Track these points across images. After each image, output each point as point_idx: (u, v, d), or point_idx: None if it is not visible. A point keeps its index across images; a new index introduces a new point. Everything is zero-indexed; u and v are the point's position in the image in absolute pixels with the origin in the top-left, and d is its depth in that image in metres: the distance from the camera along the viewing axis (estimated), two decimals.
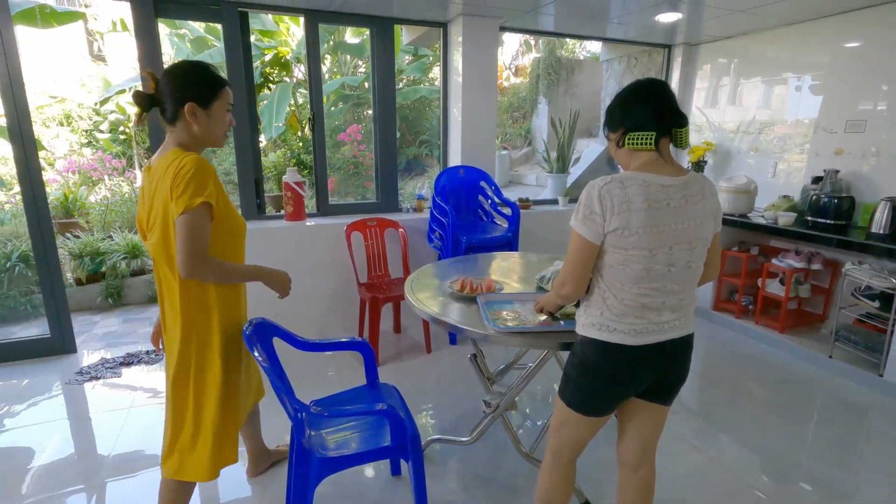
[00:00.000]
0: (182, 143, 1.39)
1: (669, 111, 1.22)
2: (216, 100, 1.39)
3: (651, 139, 1.21)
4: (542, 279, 2.02)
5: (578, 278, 1.26)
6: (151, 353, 3.10)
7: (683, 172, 1.24)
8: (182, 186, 1.26)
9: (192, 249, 1.27)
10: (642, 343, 1.24)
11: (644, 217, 1.16)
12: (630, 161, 1.27)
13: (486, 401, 1.88)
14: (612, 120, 1.30)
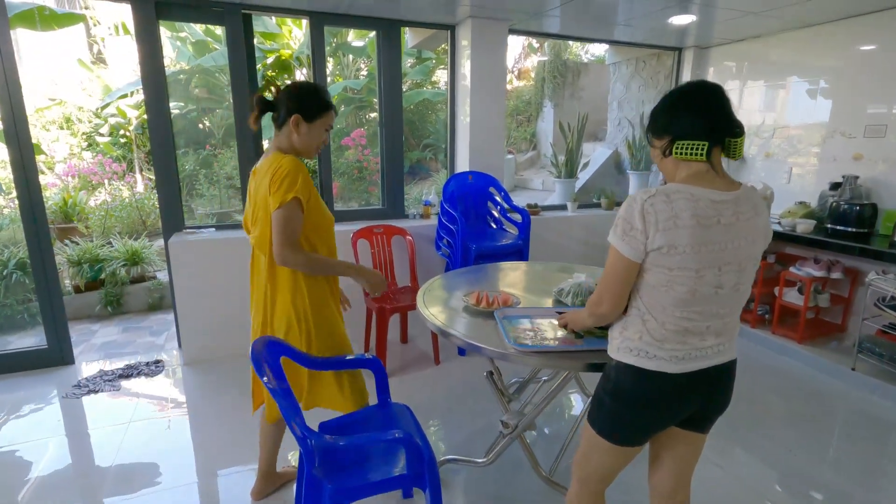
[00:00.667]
0: (282, 147, 1.58)
1: (724, 119, 1.12)
2: (319, 118, 1.58)
3: (703, 149, 1.10)
4: (561, 292, 1.93)
5: (617, 298, 1.17)
6: (151, 364, 3.00)
7: (735, 186, 1.14)
8: (277, 183, 1.46)
9: (285, 239, 1.47)
10: (684, 370, 1.15)
11: (691, 235, 1.06)
12: (676, 172, 1.17)
13: (503, 421, 1.79)
14: (657, 125, 1.20)
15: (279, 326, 1.63)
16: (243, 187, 3.20)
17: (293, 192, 1.46)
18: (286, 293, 1.60)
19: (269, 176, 1.48)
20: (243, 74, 3.04)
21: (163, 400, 2.64)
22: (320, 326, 1.64)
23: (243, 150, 3.14)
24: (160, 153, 2.94)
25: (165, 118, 2.92)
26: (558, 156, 4.55)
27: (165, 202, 3.02)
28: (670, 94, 1.18)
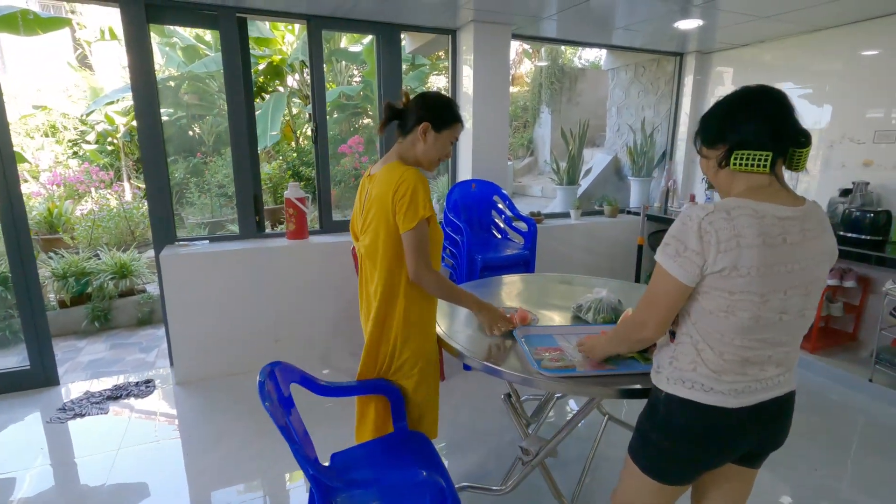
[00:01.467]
0: (403, 156, 1.54)
1: (790, 127, 1.01)
2: (447, 129, 1.54)
3: (767, 160, 1.00)
4: (580, 308, 1.83)
5: (664, 323, 1.07)
6: (141, 384, 2.85)
7: (801, 201, 1.04)
8: (407, 202, 1.41)
9: (421, 258, 1.45)
10: (743, 404, 1.05)
11: (758, 255, 0.96)
12: (732, 185, 1.07)
13: (523, 447, 1.68)
14: (709, 133, 1.09)
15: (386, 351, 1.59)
16: (238, 199, 3.07)
17: (424, 210, 1.43)
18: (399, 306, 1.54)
19: (391, 187, 1.43)
20: (238, 80, 2.92)
21: (155, 423, 2.49)
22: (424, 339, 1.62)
23: (237, 157, 3.01)
24: (151, 162, 2.81)
25: (156, 126, 2.79)
26: (559, 162, 4.47)
27: (156, 214, 2.88)
28: (728, 99, 1.07)
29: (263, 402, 1.14)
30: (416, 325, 1.56)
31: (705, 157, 1.12)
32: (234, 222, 4.64)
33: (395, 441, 1.58)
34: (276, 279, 3.02)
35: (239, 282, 2.93)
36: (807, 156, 1.03)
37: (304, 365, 3.06)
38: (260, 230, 3.18)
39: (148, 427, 2.46)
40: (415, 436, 1.60)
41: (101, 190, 6.44)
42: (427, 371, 1.63)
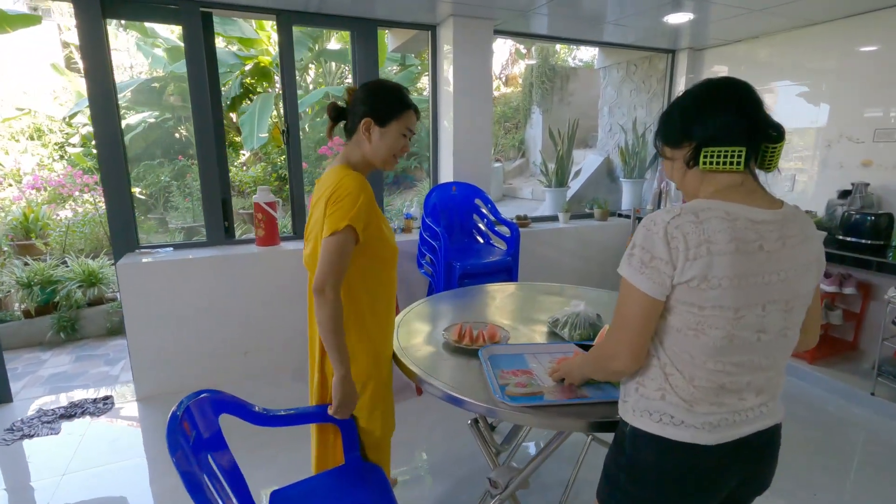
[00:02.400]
0: (350, 160, 1.38)
1: (762, 119, 0.88)
2: (393, 121, 1.35)
3: (741, 157, 0.86)
4: (556, 323, 1.67)
5: (637, 349, 0.91)
6: (99, 401, 2.68)
7: (778, 204, 0.91)
8: (334, 207, 1.26)
9: (329, 270, 1.24)
10: (721, 440, 0.90)
11: (730, 264, 0.83)
12: (701, 187, 0.93)
13: (491, 479, 1.52)
14: (673, 130, 0.95)
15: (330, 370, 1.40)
16: (204, 203, 2.91)
17: (348, 218, 1.24)
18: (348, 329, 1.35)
19: (327, 193, 1.28)
20: (202, 78, 2.76)
21: (109, 444, 2.33)
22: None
23: (204, 160, 2.85)
24: (107, 164, 2.65)
25: (113, 125, 2.63)
26: (548, 164, 4.32)
27: (115, 219, 2.72)
28: (692, 93, 0.94)
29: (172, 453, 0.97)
30: (361, 343, 1.40)
31: (669, 159, 0.98)
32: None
33: (345, 474, 1.42)
34: (246, 288, 2.86)
35: (205, 291, 2.77)
36: (780, 153, 0.91)
37: (276, 379, 2.93)
38: (229, 236, 3.02)
39: (99, 448, 2.29)
40: (368, 468, 1.44)
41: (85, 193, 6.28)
42: (380, 394, 1.47)
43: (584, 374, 1.19)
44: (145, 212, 6.61)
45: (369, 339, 1.41)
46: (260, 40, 6.84)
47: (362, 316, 1.40)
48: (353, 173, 1.32)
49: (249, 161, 7.58)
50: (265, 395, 2.77)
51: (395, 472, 2.10)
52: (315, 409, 1.42)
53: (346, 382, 1.31)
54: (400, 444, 2.27)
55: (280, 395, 2.76)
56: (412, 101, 1.39)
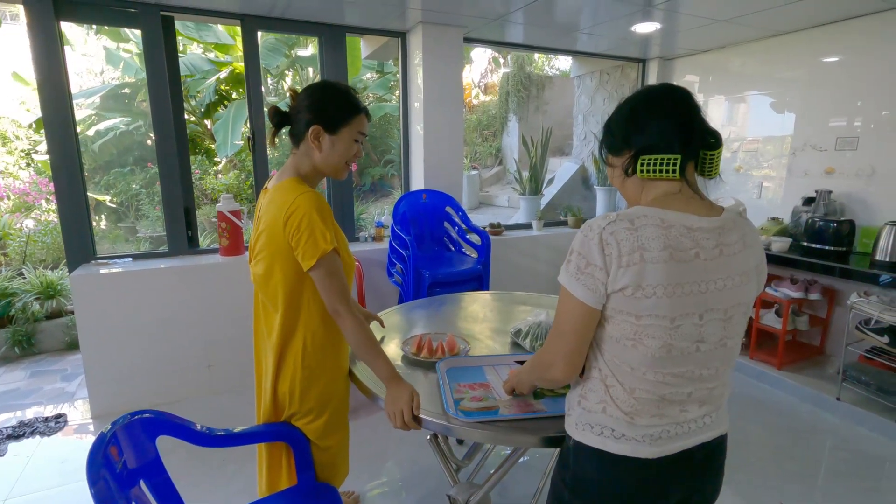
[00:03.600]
0: (301, 170, 1.30)
1: (698, 126, 0.87)
2: (344, 127, 1.27)
3: (675, 164, 0.85)
4: (518, 333, 1.64)
5: (573, 357, 0.89)
6: (51, 420, 2.56)
7: (717, 211, 0.89)
8: (305, 237, 1.19)
9: (336, 296, 1.23)
10: (662, 454, 0.87)
11: (664, 272, 0.81)
12: (641, 195, 0.92)
13: (450, 496, 1.47)
14: (614, 138, 0.94)
15: (284, 390, 1.34)
16: (167, 208, 2.82)
17: (325, 243, 1.19)
18: (297, 345, 1.30)
19: (282, 216, 1.20)
20: (163, 83, 2.68)
21: (58, 465, 2.21)
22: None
23: (165, 167, 2.76)
24: (60, 170, 2.54)
25: (67, 131, 2.53)
26: (522, 171, 4.32)
27: (70, 229, 2.61)
28: (630, 100, 0.93)
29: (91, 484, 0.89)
30: (319, 364, 1.35)
31: (611, 166, 0.97)
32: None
33: (297, 497, 1.36)
34: (209, 299, 2.77)
35: (166, 303, 2.68)
36: (718, 159, 0.90)
37: (243, 394, 2.83)
38: (193, 246, 2.93)
39: (47, 471, 2.17)
40: (321, 490, 1.38)
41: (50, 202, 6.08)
42: (338, 412, 1.42)
43: (531, 384, 1.17)
44: (116, 221, 6.43)
45: (325, 360, 1.36)
46: (235, 46, 6.76)
47: (325, 336, 1.34)
48: (307, 192, 1.22)
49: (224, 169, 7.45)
50: (231, 410, 2.68)
51: (361, 487, 2.04)
52: (264, 427, 1.35)
53: (396, 385, 1.22)
54: (367, 459, 2.22)
55: (248, 410, 2.67)
56: (362, 103, 1.31)
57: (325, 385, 1.36)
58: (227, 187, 6.30)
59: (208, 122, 7.28)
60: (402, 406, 1.17)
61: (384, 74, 7.84)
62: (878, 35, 2.77)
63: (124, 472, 1.02)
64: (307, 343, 1.32)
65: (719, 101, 3.72)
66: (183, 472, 2.11)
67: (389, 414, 1.19)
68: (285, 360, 1.33)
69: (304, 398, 1.35)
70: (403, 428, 1.17)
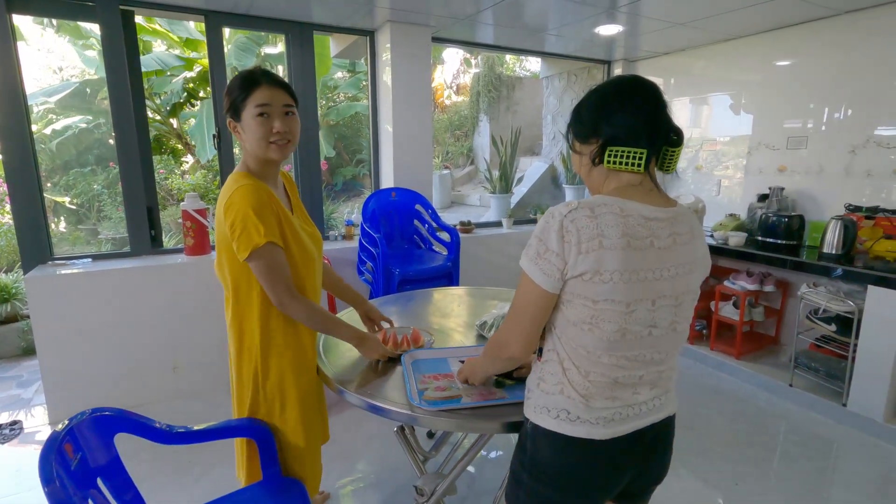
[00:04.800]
0: (246, 162, 1.31)
1: (664, 123, 0.91)
2: (244, 108, 1.24)
3: (642, 158, 0.88)
4: (484, 325, 1.67)
5: (528, 337, 0.93)
6: (6, 427, 2.46)
7: (672, 203, 0.94)
8: (238, 231, 1.20)
9: (277, 286, 1.24)
10: (615, 435, 0.91)
11: (621, 258, 0.85)
12: (604, 184, 0.95)
13: (417, 487, 1.49)
14: (583, 126, 0.96)
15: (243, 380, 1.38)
16: (129, 207, 2.75)
17: (260, 235, 1.20)
18: (253, 336, 1.33)
19: (222, 208, 1.25)
20: (123, 80, 2.62)
21: (13, 473, 2.14)
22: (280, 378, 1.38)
23: (125, 165, 2.70)
24: (13, 168, 2.46)
25: (21, 127, 2.44)
26: (493, 171, 4.37)
27: (24, 229, 2.52)
28: (601, 90, 0.95)
29: (44, 484, 0.88)
30: (281, 356, 1.35)
31: (578, 153, 0.99)
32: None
33: (262, 492, 1.35)
34: (173, 300, 2.71)
35: (128, 304, 2.61)
36: (678, 156, 0.94)
37: (211, 396, 2.78)
38: (156, 245, 2.87)
39: (3, 479, 2.09)
40: (288, 484, 1.38)
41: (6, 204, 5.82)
42: (304, 405, 1.42)
43: (485, 371, 1.19)
44: (76, 222, 6.21)
45: (287, 351, 1.36)
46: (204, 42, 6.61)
47: (278, 325, 1.34)
48: (244, 186, 1.22)
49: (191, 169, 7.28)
50: (198, 413, 2.63)
51: (331, 485, 2.03)
52: (225, 423, 1.34)
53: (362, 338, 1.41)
54: (337, 455, 2.21)
55: (214, 412, 2.63)
56: (257, 76, 1.24)
57: (284, 375, 1.37)
58: (194, 187, 6.15)
59: (174, 121, 7.10)
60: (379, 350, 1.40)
61: (356, 73, 7.80)
62: (824, 39, 2.92)
63: (80, 470, 1.00)
64: (259, 331, 1.33)
65: (683, 102, 3.85)
66: (147, 474, 2.07)
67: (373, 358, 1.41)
68: (241, 349, 1.36)
69: (265, 387, 1.36)
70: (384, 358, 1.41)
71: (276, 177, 1.39)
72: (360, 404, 1.27)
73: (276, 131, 1.24)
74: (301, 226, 1.42)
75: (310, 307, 1.29)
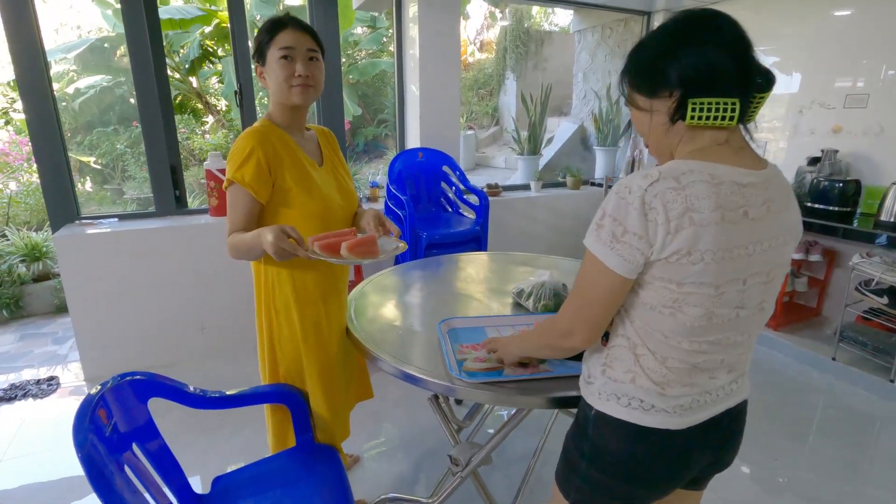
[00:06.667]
0: (270, 110, 1.31)
1: (753, 63, 0.75)
2: (268, 52, 1.23)
3: (734, 109, 0.73)
4: (521, 294, 1.59)
5: (596, 328, 0.82)
6: (43, 382, 2.52)
7: (763, 163, 0.80)
8: (227, 162, 1.23)
9: (228, 224, 1.26)
10: (691, 423, 0.83)
11: (715, 235, 0.72)
12: (680, 144, 0.80)
13: (451, 456, 1.45)
14: (651, 76, 0.79)
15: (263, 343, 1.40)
16: (152, 167, 2.71)
17: (231, 173, 1.21)
18: (265, 291, 1.35)
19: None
20: (141, 33, 2.51)
21: (52, 428, 2.19)
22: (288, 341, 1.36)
23: (148, 124, 2.63)
24: (37, 127, 2.42)
25: (42, 85, 2.38)
26: (521, 131, 4.19)
27: (51, 189, 2.50)
28: (670, 27, 0.78)
29: (78, 450, 0.85)
30: (297, 316, 1.33)
31: (643, 110, 0.82)
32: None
33: (295, 458, 1.33)
34: (199, 260, 2.70)
35: (155, 264, 2.60)
36: (763, 103, 0.78)
37: (237, 357, 2.80)
38: (180, 206, 2.83)
39: (41, 433, 2.15)
40: (321, 451, 1.36)
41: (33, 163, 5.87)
42: (328, 372, 1.38)
43: (524, 352, 1.08)
44: (101, 182, 6.25)
45: (305, 309, 1.33)
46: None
47: (294, 283, 1.31)
48: (253, 128, 1.24)
49: (213, 129, 7.23)
50: (227, 373, 2.65)
51: (359, 448, 2.04)
52: (258, 389, 1.31)
53: (264, 238, 1.12)
54: (365, 418, 2.21)
55: (243, 374, 2.64)
56: (284, 19, 1.24)
57: (305, 340, 1.33)
58: (216, 146, 6.11)
59: (194, 80, 7.00)
60: (280, 245, 1.09)
61: (376, 29, 7.52)
62: None
63: (115, 435, 0.98)
64: (274, 292, 1.33)
65: None
66: (177, 434, 2.10)
67: (276, 255, 1.11)
68: (261, 316, 1.36)
69: (284, 351, 1.36)
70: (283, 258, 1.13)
71: (300, 126, 1.35)
72: (393, 372, 1.22)
73: (298, 74, 1.22)
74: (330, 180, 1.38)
75: (230, 240, 1.25)
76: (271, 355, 1.37)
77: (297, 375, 1.38)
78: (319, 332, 1.36)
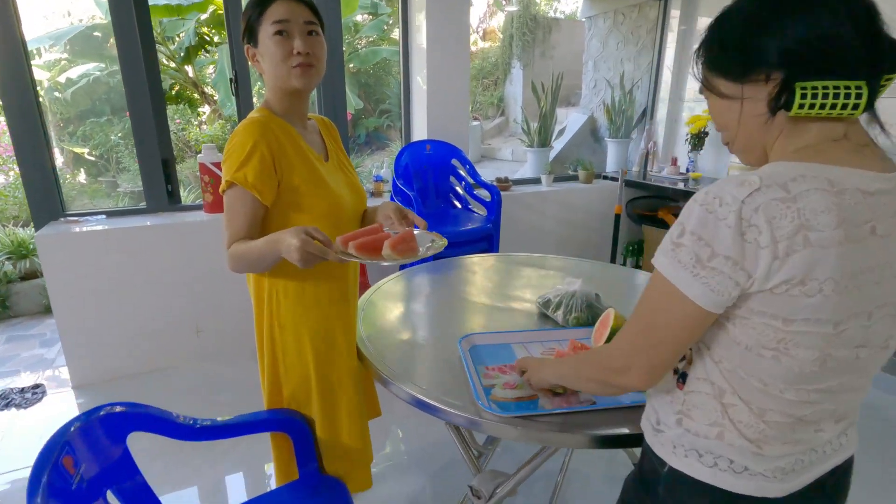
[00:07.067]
0: (267, 97, 1.14)
1: (886, 35, 0.57)
2: (260, 29, 1.06)
3: (860, 95, 0.55)
4: (548, 304, 1.43)
5: (660, 367, 0.66)
6: (28, 391, 2.37)
7: (892, 165, 0.62)
8: (225, 160, 1.07)
9: (226, 231, 1.08)
10: (792, 489, 0.67)
11: (837, 259, 0.55)
12: (779, 140, 0.63)
13: (472, 487, 1.30)
14: (742, 52, 0.61)
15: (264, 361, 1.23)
16: (143, 161, 2.54)
17: (231, 174, 1.03)
18: (261, 304, 1.20)
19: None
20: (129, 21, 2.33)
21: (37, 440, 2.04)
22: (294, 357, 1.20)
23: (137, 116, 2.46)
24: (18, 116, 2.24)
25: (22, 74, 2.21)
26: (530, 122, 4.01)
27: (32, 184, 2.34)
28: None
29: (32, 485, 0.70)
30: (302, 330, 1.18)
31: (728, 98, 0.65)
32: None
33: (297, 492, 1.18)
34: (193, 260, 2.54)
35: (146, 263, 2.44)
36: (888, 87, 0.60)
37: (235, 360, 2.65)
38: (173, 202, 2.67)
39: (24, 447, 2.00)
40: (326, 484, 1.20)
41: None
42: (338, 394, 1.22)
43: (560, 381, 0.90)
44: (96, 174, 6.07)
45: (314, 323, 1.17)
46: None
47: (301, 293, 1.15)
48: (251, 120, 1.06)
49: (209, 119, 7.03)
50: (223, 378, 2.51)
51: None
52: (255, 416, 1.16)
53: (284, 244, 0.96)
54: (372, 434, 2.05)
55: (240, 378, 2.49)
56: None
57: (310, 357, 1.18)
58: (212, 138, 5.92)
59: (189, 69, 6.79)
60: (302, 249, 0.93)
61: (378, 16, 7.29)
62: None
63: (83, 485, 0.82)
64: (290, 304, 1.17)
65: None
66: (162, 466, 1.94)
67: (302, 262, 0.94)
68: (262, 331, 1.21)
69: (288, 373, 1.21)
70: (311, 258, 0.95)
71: (302, 115, 1.18)
72: (408, 399, 1.07)
73: (297, 52, 1.04)
74: (338, 176, 1.22)
75: (233, 251, 1.05)
76: (273, 377, 1.22)
77: (304, 398, 1.22)
78: (332, 349, 1.21)
